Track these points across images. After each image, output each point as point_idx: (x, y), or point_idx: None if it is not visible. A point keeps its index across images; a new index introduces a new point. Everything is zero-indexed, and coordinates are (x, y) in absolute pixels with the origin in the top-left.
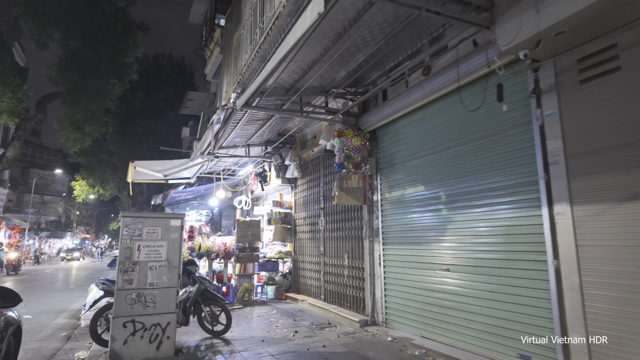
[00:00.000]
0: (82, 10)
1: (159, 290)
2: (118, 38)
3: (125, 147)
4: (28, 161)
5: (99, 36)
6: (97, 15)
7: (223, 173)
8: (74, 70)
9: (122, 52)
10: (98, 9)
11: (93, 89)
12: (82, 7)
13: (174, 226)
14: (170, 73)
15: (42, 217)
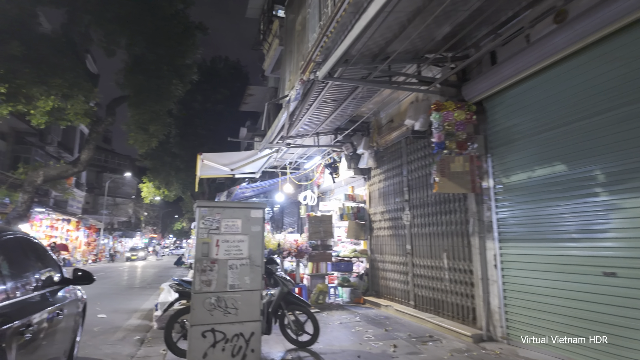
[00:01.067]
0: (143, 13)
1: (240, 293)
2: (178, 40)
3: (187, 149)
4: (101, 166)
5: (160, 39)
6: (157, 18)
7: (289, 166)
8: (138, 73)
9: (182, 53)
10: (159, 11)
11: (156, 91)
12: (143, 10)
13: (255, 218)
14: (227, 75)
15: (114, 217)
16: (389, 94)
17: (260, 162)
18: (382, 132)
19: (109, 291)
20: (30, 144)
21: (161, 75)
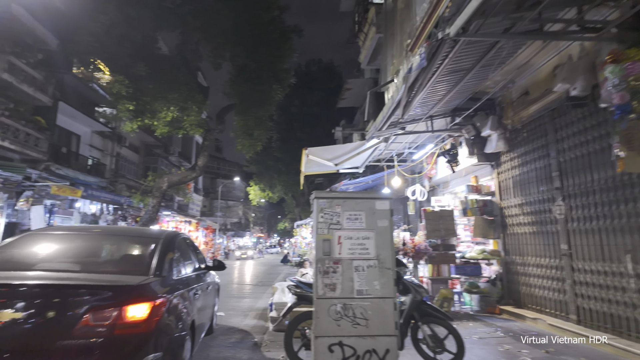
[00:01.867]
0: (243, 24)
1: (370, 301)
2: (276, 46)
3: (287, 152)
4: (215, 172)
5: (260, 46)
6: (256, 26)
7: (396, 158)
8: (242, 82)
9: (280, 58)
10: (256, 20)
11: (259, 97)
12: (243, 21)
13: (381, 210)
14: (321, 77)
15: (227, 219)
16: (523, 60)
17: (365, 154)
18: (515, 107)
19: (225, 287)
20: (157, 155)
21: (262, 82)
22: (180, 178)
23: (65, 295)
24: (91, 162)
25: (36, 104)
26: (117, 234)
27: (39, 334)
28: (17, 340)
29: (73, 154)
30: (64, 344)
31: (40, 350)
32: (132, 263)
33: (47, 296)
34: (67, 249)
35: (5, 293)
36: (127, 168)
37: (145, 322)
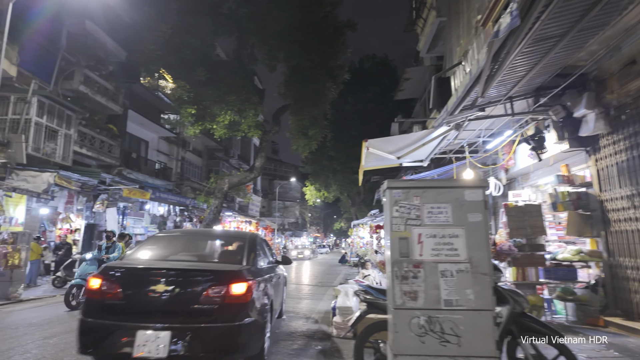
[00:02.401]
0: (297, 23)
1: (462, 313)
2: (329, 42)
3: (341, 151)
4: (272, 174)
5: (313, 44)
6: (309, 24)
7: (467, 148)
8: (296, 82)
9: (333, 55)
10: (309, 17)
11: (313, 96)
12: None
13: (472, 202)
14: (375, 73)
15: (284, 219)
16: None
17: (431, 145)
18: (619, 79)
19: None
20: (218, 158)
21: (316, 80)
22: (240, 179)
23: (194, 276)
24: (158, 166)
25: (108, 112)
26: (216, 235)
27: (180, 300)
28: (168, 304)
29: (142, 159)
30: (195, 307)
31: (181, 310)
32: (231, 256)
33: (183, 277)
34: (185, 246)
35: (159, 274)
36: (191, 171)
37: (244, 295)
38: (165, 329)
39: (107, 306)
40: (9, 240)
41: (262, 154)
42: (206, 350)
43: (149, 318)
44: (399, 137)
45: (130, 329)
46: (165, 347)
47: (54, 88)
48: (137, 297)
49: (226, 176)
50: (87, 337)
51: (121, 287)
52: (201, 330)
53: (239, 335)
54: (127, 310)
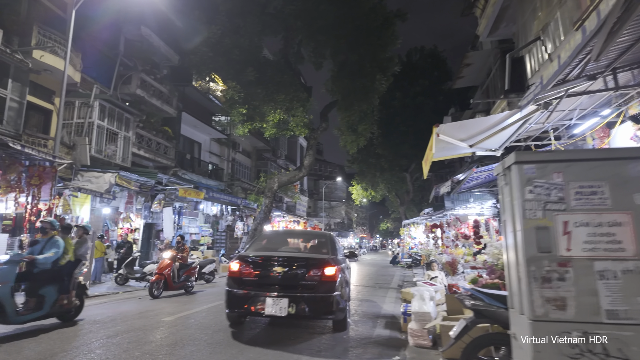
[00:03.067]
0: (344, 16)
1: (634, 329)
2: (377, 34)
3: (389, 148)
4: (317, 174)
5: (361, 37)
6: (357, 17)
7: (552, 133)
8: (344, 77)
9: (382, 47)
10: (357, 10)
11: (362, 90)
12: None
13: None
14: (424, 66)
15: (330, 219)
16: None
17: (509, 131)
18: None
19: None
20: (266, 158)
21: (365, 74)
22: (289, 178)
23: (300, 262)
24: (211, 167)
25: (163, 115)
26: (305, 234)
27: (292, 278)
28: (284, 280)
29: (195, 160)
30: (302, 283)
31: (293, 285)
32: (320, 249)
33: (293, 262)
34: (285, 242)
35: (277, 260)
36: (241, 172)
37: (333, 276)
38: (284, 297)
39: (244, 281)
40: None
41: (310, 152)
42: (310, 312)
43: (272, 290)
44: (474, 122)
45: (261, 297)
46: (285, 309)
47: (114, 92)
48: (264, 276)
49: (275, 175)
50: (232, 302)
51: (253, 269)
52: (307, 298)
53: (331, 303)
54: (258, 284)
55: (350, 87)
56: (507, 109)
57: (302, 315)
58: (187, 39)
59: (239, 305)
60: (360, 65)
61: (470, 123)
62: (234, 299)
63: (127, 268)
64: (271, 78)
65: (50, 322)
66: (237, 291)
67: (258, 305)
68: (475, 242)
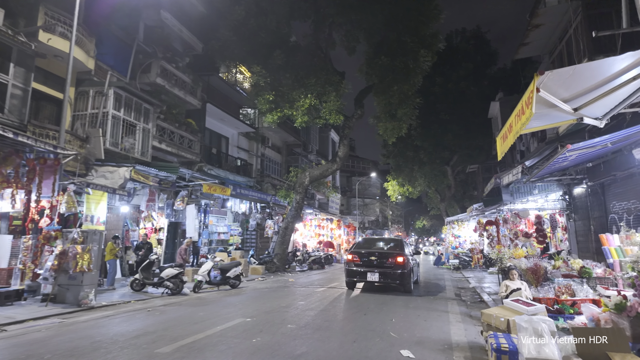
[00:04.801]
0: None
1: None
2: (418, 8)
3: (429, 138)
4: (350, 171)
5: (400, 13)
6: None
7: None
8: (382, 57)
9: (424, 22)
10: None
11: (402, 69)
12: None
13: None
14: (466, 48)
15: (365, 217)
16: None
17: (629, 88)
18: None
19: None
20: (297, 153)
21: (406, 52)
22: (322, 172)
23: (384, 254)
24: (239, 162)
25: (187, 107)
26: (385, 239)
27: (381, 262)
28: (377, 263)
29: (223, 155)
30: (387, 263)
31: (380, 265)
32: (396, 247)
33: (380, 254)
34: (377, 243)
35: (373, 253)
36: (271, 168)
37: (402, 261)
38: (376, 272)
39: (355, 263)
40: (78, 240)
41: (344, 142)
42: (389, 279)
43: (371, 269)
44: (591, 67)
45: (365, 272)
46: (377, 277)
47: (131, 81)
48: (366, 261)
49: (307, 169)
50: (349, 273)
51: (359, 258)
52: (387, 273)
53: (399, 275)
54: (362, 265)
55: (389, 67)
56: None
57: (385, 281)
58: (211, 26)
59: (353, 275)
60: (400, 43)
61: (584, 70)
62: (350, 272)
63: (144, 272)
64: (301, 62)
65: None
66: (352, 269)
67: (363, 276)
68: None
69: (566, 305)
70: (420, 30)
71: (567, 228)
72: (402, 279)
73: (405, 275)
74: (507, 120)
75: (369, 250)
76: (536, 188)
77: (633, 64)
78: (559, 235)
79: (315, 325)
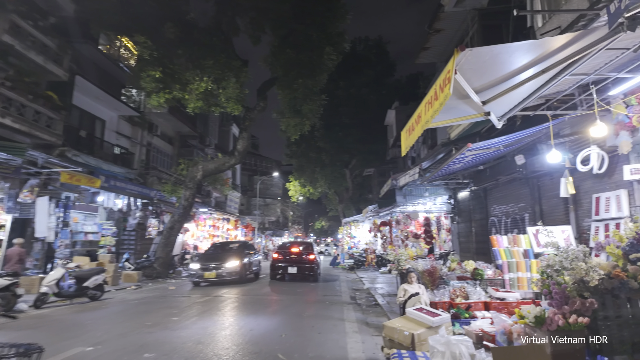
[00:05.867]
0: None
1: None
2: (326, 4)
3: (331, 141)
4: (252, 169)
5: (308, 7)
6: None
7: (593, 88)
8: (287, 49)
9: (331, 20)
10: None
11: (308, 63)
12: None
13: None
14: (369, 56)
15: (265, 217)
16: None
17: (524, 89)
18: None
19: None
20: (192, 146)
21: (312, 46)
22: (217, 165)
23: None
24: (118, 150)
25: (49, 78)
26: (301, 242)
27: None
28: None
29: (97, 140)
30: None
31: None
32: (308, 248)
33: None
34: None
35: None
36: (160, 160)
37: (314, 259)
38: (295, 266)
39: (279, 261)
40: None
41: (244, 135)
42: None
43: (291, 264)
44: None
45: (286, 267)
46: (296, 270)
47: None
48: (288, 259)
49: (200, 162)
50: (274, 268)
51: (283, 256)
52: (303, 267)
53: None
54: (285, 262)
55: (295, 60)
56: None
57: (301, 273)
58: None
59: (278, 269)
60: (306, 37)
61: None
62: (276, 267)
63: None
64: (197, 40)
65: None
66: (277, 264)
67: (285, 270)
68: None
69: (461, 310)
70: (327, 28)
71: (450, 230)
72: (313, 271)
73: (314, 269)
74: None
75: (289, 251)
76: (427, 191)
77: (533, 61)
78: (443, 237)
79: (184, 353)
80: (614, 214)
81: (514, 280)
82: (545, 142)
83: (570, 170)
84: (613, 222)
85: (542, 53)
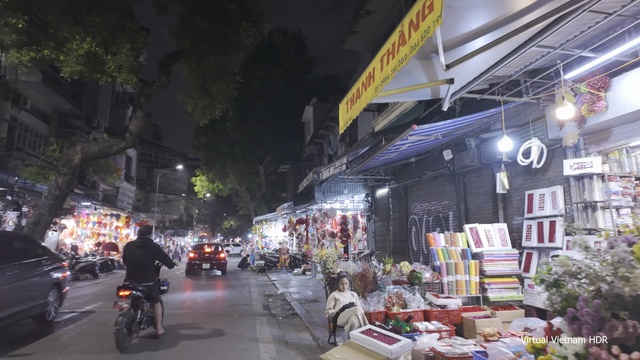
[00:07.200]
0: None
1: None
2: None
3: (245, 134)
4: (152, 162)
5: None
6: None
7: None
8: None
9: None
10: None
11: (222, 38)
12: None
13: None
14: (287, 49)
15: (166, 215)
16: None
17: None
18: None
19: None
20: (75, 127)
21: (228, 20)
22: (102, 148)
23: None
24: None
25: None
26: (213, 243)
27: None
28: (208, 257)
29: None
30: (214, 258)
31: (211, 259)
32: (218, 248)
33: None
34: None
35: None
36: (29, 140)
37: (224, 257)
38: (209, 263)
39: (195, 259)
40: None
41: (138, 114)
42: (216, 267)
43: (205, 262)
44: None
45: (201, 264)
46: (209, 266)
47: None
48: (202, 257)
49: (79, 143)
50: (190, 265)
51: (198, 255)
52: (215, 263)
53: (223, 264)
54: (200, 259)
55: (206, 33)
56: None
57: (213, 269)
58: None
59: (194, 266)
60: (221, 8)
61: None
62: (192, 264)
63: None
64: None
65: None
66: (193, 262)
67: (200, 266)
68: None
69: (401, 321)
70: (246, 2)
71: (366, 228)
72: (223, 267)
73: (224, 265)
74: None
75: (203, 251)
76: (346, 187)
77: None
78: (358, 235)
79: None
80: (548, 212)
81: (453, 284)
82: (477, 136)
83: (505, 165)
84: (547, 220)
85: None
